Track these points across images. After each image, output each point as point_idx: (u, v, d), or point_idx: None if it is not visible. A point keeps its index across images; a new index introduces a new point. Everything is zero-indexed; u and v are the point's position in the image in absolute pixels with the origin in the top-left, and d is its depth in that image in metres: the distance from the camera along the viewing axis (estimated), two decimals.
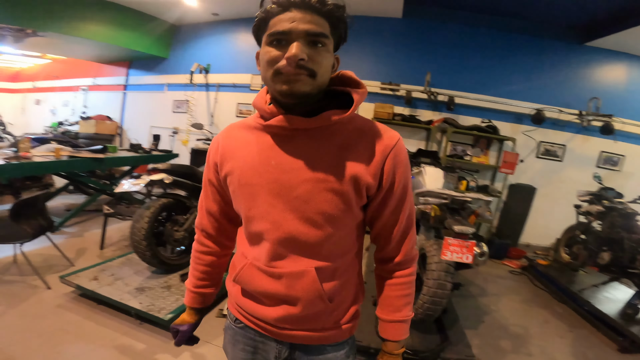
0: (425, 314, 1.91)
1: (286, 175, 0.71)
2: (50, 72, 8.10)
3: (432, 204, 2.05)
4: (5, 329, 1.96)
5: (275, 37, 0.66)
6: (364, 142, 0.73)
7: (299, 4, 0.65)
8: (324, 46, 0.68)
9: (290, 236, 0.73)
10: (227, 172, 0.78)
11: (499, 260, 4.09)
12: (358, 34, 4.76)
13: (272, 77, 0.68)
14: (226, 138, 0.81)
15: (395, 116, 4.43)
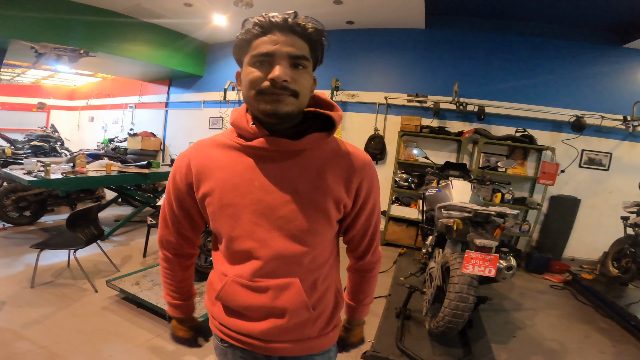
0: (447, 326, 1.89)
1: (270, 196, 0.74)
2: (101, 91, 8.87)
3: (455, 218, 2.03)
4: (54, 327, 2.19)
5: (258, 58, 0.69)
6: (340, 163, 0.78)
7: (282, 27, 0.68)
8: (305, 68, 0.72)
9: (276, 253, 0.75)
10: (205, 193, 0.77)
11: (539, 274, 3.89)
12: (382, 47, 4.84)
13: (255, 97, 0.70)
14: (199, 157, 0.79)
15: (423, 128, 4.39)
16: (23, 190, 3.91)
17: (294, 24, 0.69)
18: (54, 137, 6.49)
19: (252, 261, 0.76)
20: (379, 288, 3.12)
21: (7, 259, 3.16)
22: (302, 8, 4.38)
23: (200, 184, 0.78)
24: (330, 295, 0.87)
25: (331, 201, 0.76)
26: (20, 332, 2.10)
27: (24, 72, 8.08)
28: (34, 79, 9.01)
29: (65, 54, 4.60)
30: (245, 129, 0.74)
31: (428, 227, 2.90)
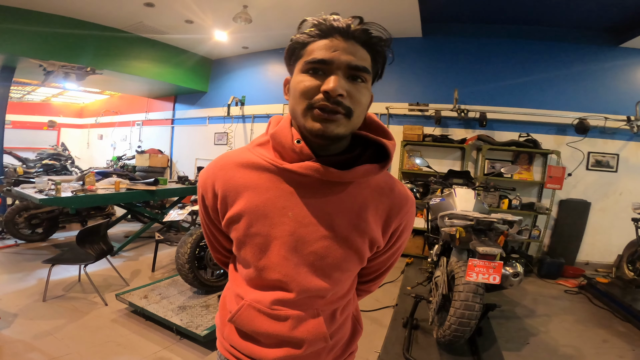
0: (454, 335, 1.88)
1: (304, 230, 0.66)
2: (109, 108, 9.06)
3: (458, 226, 2.03)
4: (65, 339, 2.23)
5: (312, 65, 0.60)
6: (383, 202, 0.70)
7: (343, 32, 0.60)
8: (364, 82, 0.62)
9: (302, 288, 0.68)
10: (231, 218, 0.69)
11: (552, 279, 3.84)
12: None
13: (304, 112, 0.61)
14: (225, 178, 0.70)
15: (426, 137, 4.41)
16: (35, 208, 4.01)
17: (358, 30, 0.60)
18: (64, 156, 6.65)
19: (276, 291, 0.70)
20: (386, 298, 3.12)
21: (20, 274, 3.23)
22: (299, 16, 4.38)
23: (225, 209, 0.70)
24: (348, 324, 0.83)
25: (367, 241, 0.70)
26: (32, 344, 2.15)
27: (34, 90, 8.32)
28: (43, 96, 9.26)
29: (73, 72, 4.74)
30: (288, 146, 0.64)
31: (433, 236, 2.90)
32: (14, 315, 2.46)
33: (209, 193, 0.72)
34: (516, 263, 1.94)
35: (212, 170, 0.72)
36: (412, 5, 3.85)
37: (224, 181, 0.69)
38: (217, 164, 0.72)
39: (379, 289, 3.31)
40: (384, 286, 3.42)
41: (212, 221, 0.76)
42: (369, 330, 2.58)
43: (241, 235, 0.69)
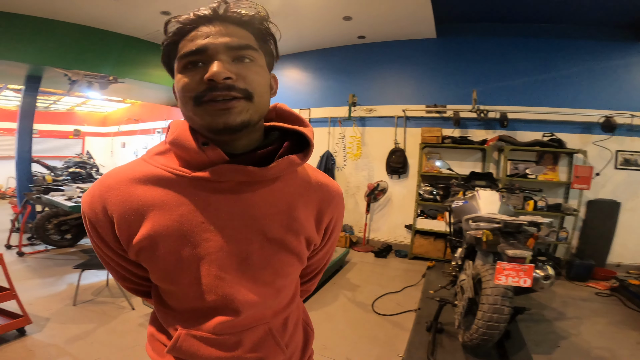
0: (481, 338, 1.85)
1: (233, 242, 0.57)
2: (131, 116, 9.32)
3: (484, 229, 1.99)
4: (95, 343, 2.30)
5: (187, 59, 0.53)
6: (312, 196, 0.65)
7: (211, 18, 0.53)
8: (253, 60, 0.55)
9: (246, 305, 0.59)
10: (139, 247, 0.56)
11: (582, 282, 3.72)
12: (395, 59, 4.87)
13: (194, 109, 0.52)
14: (119, 197, 0.56)
15: (445, 139, 4.34)
16: (64, 214, 4.16)
17: (227, 13, 0.53)
18: (89, 164, 6.87)
19: (216, 317, 0.59)
20: (407, 302, 3.09)
21: (51, 278, 3.36)
22: (312, 25, 4.58)
23: (128, 236, 0.56)
24: (299, 330, 0.75)
25: (303, 241, 0.64)
26: (64, 348, 2.22)
27: (59, 100, 8.64)
28: (68, 106, 9.59)
29: (96, 81, 4.89)
30: (194, 151, 0.54)
31: (456, 239, 2.85)
32: (46, 320, 2.55)
33: (100, 220, 0.57)
34: (547, 266, 1.89)
35: (99, 192, 0.56)
36: (425, 7, 3.82)
37: (117, 203, 0.55)
38: (103, 183, 0.57)
39: (400, 292, 3.30)
40: (405, 290, 3.38)
41: (113, 251, 0.61)
42: (390, 334, 2.56)
43: (158, 264, 0.57)
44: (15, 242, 4.18)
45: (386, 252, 4.60)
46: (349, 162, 5.17)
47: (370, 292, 3.33)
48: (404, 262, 4.36)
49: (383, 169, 4.89)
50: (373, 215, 5.04)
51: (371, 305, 3.04)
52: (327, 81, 5.36)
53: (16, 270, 3.44)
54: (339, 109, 5.12)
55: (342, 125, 5.14)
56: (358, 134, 5.08)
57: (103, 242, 0.60)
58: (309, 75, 5.55)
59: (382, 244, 4.80)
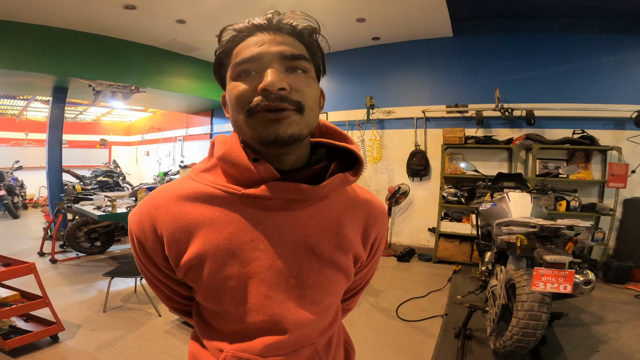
0: (516, 345, 1.77)
1: (282, 260, 0.56)
2: (153, 125, 9.58)
3: (518, 234, 1.91)
4: (124, 350, 2.34)
5: (241, 66, 0.52)
6: (358, 213, 0.64)
7: (266, 26, 0.53)
8: (306, 72, 0.54)
9: (294, 326, 0.58)
10: (189, 265, 0.55)
11: (621, 284, 3.53)
12: (412, 59, 4.79)
13: (246, 120, 0.51)
14: (168, 216, 0.55)
15: (468, 139, 4.22)
16: (93, 223, 4.29)
17: (281, 21, 0.54)
18: (116, 172, 7.11)
19: (265, 337, 0.58)
20: (433, 307, 3.00)
21: (82, 285, 3.46)
22: (324, 28, 4.46)
23: (178, 254, 0.56)
24: (341, 349, 0.74)
25: (352, 258, 0.63)
26: (94, 355, 2.27)
27: (85, 110, 9.00)
28: (94, 116, 10.00)
29: (119, 91, 5.04)
30: (244, 167, 0.53)
31: (485, 243, 2.75)
32: (77, 326, 2.62)
33: (149, 240, 0.56)
34: (587, 270, 1.80)
35: (148, 211, 0.57)
36: (440, 5, 3.74)
37: (167, 221, 0.55)
38: (152, 201, 0.57)
39: (425, 297, 3.21)
40: (430, 295, 3.30)
41: (161, 270, 0.60)
42: (416, 341, 2.49)
43: (207, 282, 0.55)
44: (48, 250, 4.35)
45: (409, 256, 4.51)
46: (368, 165, 5.11)
47: (394, 298, 3.26)
48: (428, 266, 4.26)
49: (404, 172, 4.81)
50: (395, 218, 4.95)
51: (395, 311, 2.97)
52: (344, 84, 5.33)
53: (49, 277, 3.57)
54: (357, 112, 5.09)
55: (361, 128, 5.09)
56: (377, 136, 5.01)
57: (151, 262, 0.59)
58: (325, 78, 5.49)
59: (404, 247, 4.71)
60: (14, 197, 7.22)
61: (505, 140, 4.18)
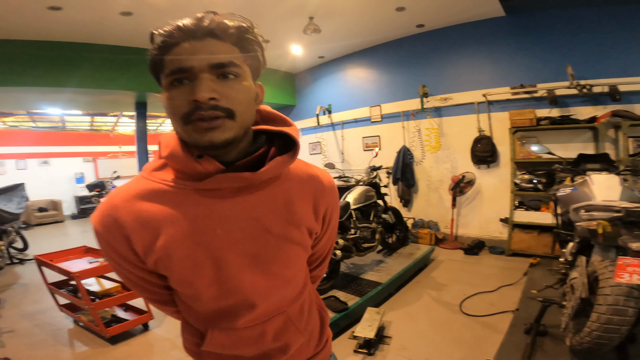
0: (595, 342, 1.62)
1: (241, 243, 0.62)
2: None
3: (599, 220, 1.71)
4: None
5: (173, 77, 0.55)
6: (306, 189, 0.69)
7: (195, 33, 0.54)
8: (237, 77, 0.57)
9: (264, 299, 0.66)
10: (159, 259, 0.60)
11: None
12: (463, 43, 4.52)
13: (183, 127, 0.56)
14: (129, 215, 0.59)
15: (541, 121, 3.82)
16: None
17: (210, 27, 0.55)
18: None
19: (239, 313, 0.66)
20: (502, 302, 2.84)
21: None
22: (364, 19, 4.47)
23: (147, 250, 0.60)
24: (315, 313, 0.81)
25: (305, 231, 0.69)
26: (175, 342, 2.54)
27: (164, 122, 10.05)
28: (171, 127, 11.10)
29: None
30: (191, 164, 0.58)
31: (565, 232, 2.50)
32: (163, 315, 2.90)
33: (116, 239, 0.60)
34: None
35: (109, 213, 0.59)
36: None
37: (129, 221, 0.58)
38: (111, 204, 0.60)
39: (495, 292, 3.06)
40: (500, 290, 3.11)
41: (132, 264, 0.63)
42: (479, 336, 2.39)
43: (176, 270, 0.61)
44: None
45: (478, 248, 4.26)
46: (427, 155, 4.93)
47: (458, 292, 3.13)
48: (500, 259, 3.98)
49: (468, 160, 4.54)
50: (460, 209, 4.71)
51: (459, 305, 2.86)
52: (394, 75, 5.21)
53: None
54: (411, 102, 4.93)
55: (416, 117, 4.92)
56: (434, 125, 4.81)
57: (121, 257, 0.63)
58: (375, 71, 5.46)
59: (472, 240, 4.46)
60: None
61: (588, 119, 3.70)
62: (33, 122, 8.64)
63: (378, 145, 5.43)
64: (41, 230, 7.52)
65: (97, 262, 2.78)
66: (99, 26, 4.06)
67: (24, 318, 3.01)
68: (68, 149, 9.48)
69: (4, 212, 4.52)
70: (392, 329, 2.55)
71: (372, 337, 2.25)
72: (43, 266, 2.90)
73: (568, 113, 3.84)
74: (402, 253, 3.87)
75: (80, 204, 9.10)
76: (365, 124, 5.62)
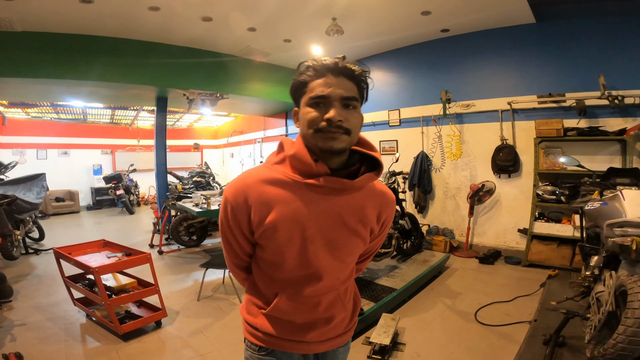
0: (618, 354, 1.62)
1: (326, 230, 0.83)
2: (236, 129, 10.45)
3: (633, 236, 1.65)
4: (211, 337, 2.57)
5: (315, 100, 0.77)
6: (375, 202, 0.90)
7: (333, 70, 0.77)
8: (355, 108, 0.80)
9: (327, 273, 0.87)
10: (266, 227, 0.81)
11: None
12: (489, 50, 4.45)
13: (313, 135, 0.78)
14: (255, 193, 0.81)
15: (568, 131, 3.72)
16: (192, 219, 4.87)
17: (344, 68, 0.78)
18: (207, 173, 7.93)
19: (308, 283, 0.87)
20: (519, 313, 2.80)
21: (181, 275, 3.95)
22: (389, 24, 4.48)
23: (260, 220, 0.81)
24: (352, 297, 1.02)
25: (369, 230, 0.90)
26: (187, 340, 2.52)
27: (181, 117, 10.18)
28: (188, 122, 11.27)
29: (207, 98, 5.63)
30: (309, 165, 0.79)
31: (591, 246, 2.43)
32: (176, 313, 2.95)
33: (241, 206, 0.82)
34: None
35: (241, 187, 0.83)
36: None
37: (255, 196, 0.81)
38: (244, 181, 0.83)
39: (511, 302, 3.03)
40: (516, 300, 3.05)
41: (242, 231, 0.87)
42: (495, 346, 2.35)
43: (276, 241, 0.82)
44: (157, 243, 5.05)
45: (493, 258, 4.18)
46: (447, 162, 4.86)
47: (473, 301, 3.08)
48: (516, 270, 3.90)
49: (488, 168, 4.46)
50: (477, 218, 4.63)
51: (474, 314, 2.82)
52: (415, 80, 5.16)
53: (156, 267, 4.07)
54: (431, 107, 4.87)
55: (437, 123, 4.85)
56: (456, 131, 4.73)
57: (236, 223, 0.86)
58: (395, 75, 5.42)
59: (488, 249, 4.38)
60: (130, 196, 8.57)
61: (617, 131, 3.58)
62: (56, 113, 8.84)
63: (395, 149, 5.37)
64: (57, 220, 7.63)
65: (115, 257, 2.74)
66: (127, 21, 4.14)
67: (36, 311, 2.98)
68: (88, 141, 9.66)
69: (23, 201, 4.49)
70: (406, 335, 2.51)
71: (388, 344, 2.23)
72: (61, 259, 2.85)
73: (596, 124, 3.73)
74: (417, 259, 3.82)
75: (96, 196, 9.26)
76: (382, 127, 5.58)
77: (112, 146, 10.08)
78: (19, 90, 5.45)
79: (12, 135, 8.46)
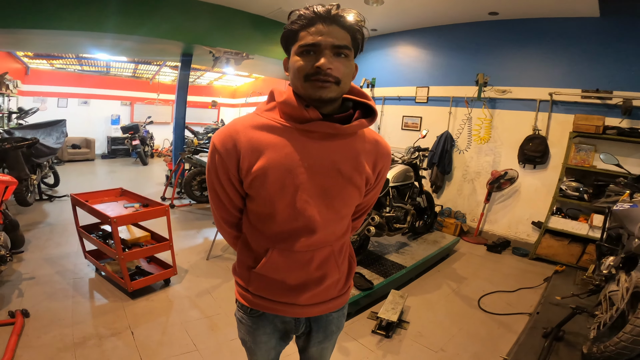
0: (617, 352, 1.67)
1: (318, 176, 0.80)
2: (255, 90, 10.32)
3: None
4: (218, 299, 2.56)
5: (304, 48, 0.74)
6: (370, 149, 0.88)
7: (324, 19, 0.74)
8: (346, 57, 0.77)
9: (321, 225, 0.83)
10: (256, 174, 0.78)
11: None
12: (540, 37, 4.14)
13: (303, 83, 0.76)
14: (244, 138, 0.78)
15: (607, 129, 3.52)
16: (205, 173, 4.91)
17: (336, 15, 0.74)
18: None
19: (300, 236, 0.83)
20: (520, 304, 2.83)
21: (192, 231, 4.00)
22: (432, 1, 4.17)
23: (249, 165, 0.78)
24: (347, 258, 0.98)
25: (364, 178, 0.86)
26: (195, 301, 2.51)
27: (202, 75, 10.03)
28: (208, 80, 11.11)
29: (232, 57, 5.50)
30: (300, 110, 0.77)
31: (609, 246, 2.39)
32: (185, 271, 2.93)
33: (230, 154, 0.79)
34: None
35: (230, 133, 0.80)
36: None
37: (244, 142, 0.78)
38: (233, 127, 0.81)
39: (514, 293, 3.05)
40: (519, 291, 3.08)
41: (229, 179, 0.83)
42: (495, 334, 2.40)
43: (266, 189, 0.79)
44: (169, 195, 5.11)
45: (502, 247, 4.17)
46: (473, 145, 4.72)
47: (477, 287, 3.11)
48: (523, 262, 3.89)
49: (513, 156, 4.33)
50: (492, 205, 4.57)
51: (477, 300, 2.85)
52: (450, 59, 4.91)
53: None
54: (464, 89, 4.66)
55: (470, 105, 4.66)
56: (488, 115, 4.55)
57: (225, 172, 0.82)
58: (429, 52, 5.16)
59: (498, 237, 4.35)
60: (145, 147, 8.65)
61: None
62: (80, 65, 8.76)
63: (418, 126, 5.23)
64: (71, 167, 7.71)
65: (132, 207, 2.59)
66: None
67: (46, 263, 2.90)
68: (108, 92, 9.65)
69: (43, 145, 4.45)
70: (411, 314, 2.57)
71: (395, 321, 2.27)
72: (78, 206, 2.67)
73: (637, 126, 3.52)
74: (427, 239, 3.83)
75: (111, 145, 9.38)
76: (408, 102, 5.40)
77: (132, 98, 10.07)
78: (45, 42, 5.33)
79: (34, 84, 8.47)
